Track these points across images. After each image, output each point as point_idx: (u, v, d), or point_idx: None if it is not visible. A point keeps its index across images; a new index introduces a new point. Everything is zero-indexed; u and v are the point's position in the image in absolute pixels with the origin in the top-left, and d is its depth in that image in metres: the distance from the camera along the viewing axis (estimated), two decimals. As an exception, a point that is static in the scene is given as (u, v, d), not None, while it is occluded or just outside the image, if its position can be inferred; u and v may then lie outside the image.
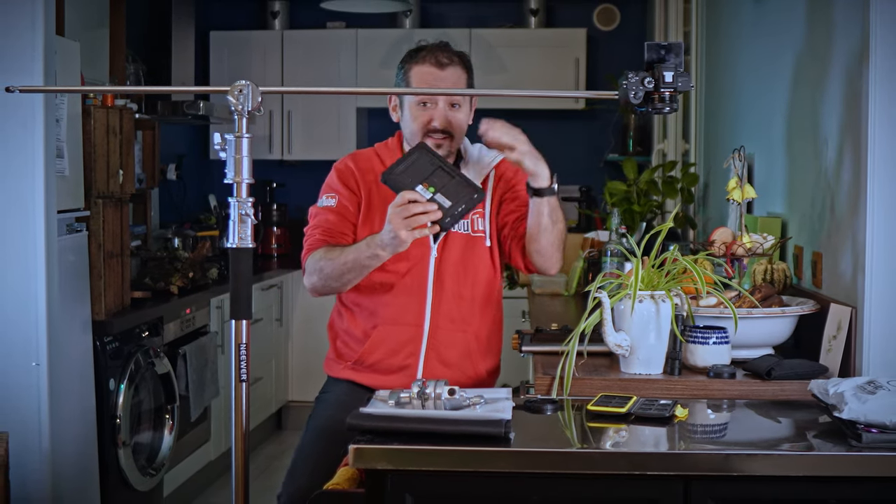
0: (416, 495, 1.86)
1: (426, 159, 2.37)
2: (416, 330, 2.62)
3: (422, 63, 2.64)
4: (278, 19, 6.41)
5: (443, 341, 2.63)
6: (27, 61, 2.95)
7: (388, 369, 2.63)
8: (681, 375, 2.30)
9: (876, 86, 2.24)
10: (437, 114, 2.60)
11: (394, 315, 2.63)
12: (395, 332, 2.63)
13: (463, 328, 2.66)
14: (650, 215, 4.65)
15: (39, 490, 3.03)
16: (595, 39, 6.41)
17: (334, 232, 2.62)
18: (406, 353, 2.63)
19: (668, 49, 2.03)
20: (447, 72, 2.63)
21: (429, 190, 2.34)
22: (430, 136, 2.60)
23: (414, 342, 2.63)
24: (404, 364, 2.63)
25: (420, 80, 2.62)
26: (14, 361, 3.01)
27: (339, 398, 2.66)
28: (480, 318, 2.69)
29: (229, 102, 1.92)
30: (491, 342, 2.74)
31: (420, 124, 2.61)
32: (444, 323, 2.63)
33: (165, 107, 5.16)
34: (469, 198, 2.35)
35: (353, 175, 2.67)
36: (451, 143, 2.63)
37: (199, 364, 4.41)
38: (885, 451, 1.81)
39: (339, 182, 2.67)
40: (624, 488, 1.84)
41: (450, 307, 2.63)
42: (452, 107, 2.62)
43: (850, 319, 2.32)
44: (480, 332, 2.69)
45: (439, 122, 2.60)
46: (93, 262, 3.63)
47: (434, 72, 2.62)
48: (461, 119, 2.64)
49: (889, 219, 2.25)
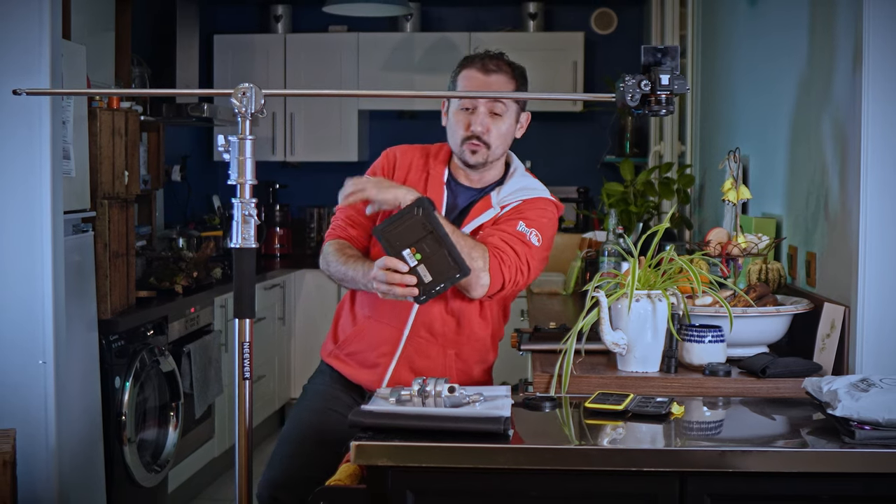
0: (416, 491, 1.87)
1: (421, 221, 2.30)
2: (396, 333, 2.59)
3: (470, 67, 2.59)
4: (281, 23, 6.41)
5: (418, 350, 2.59)
6: (34, 64, 2.94)
7: (362, 362, 2.63)
8: (677, 373, 2.30)
9: (869, 88, 2.24)
10: (475, 119, 2.54)
11: (383, 312, 2.61)
12: (378, 329, 2.61)
13: (443, 343, 2.59)
14: (647, 216, 4.65)
15: (46, 486, 3.03)
16: (592, 43, 6.41)
17: (356, 223, 2.64)
18: (381, 352, 2.61)
19: (665, 52, 2.03)
20: (492, 78, 2.56)
21: (415, 257, 2.30)
22: (467, 143, 2.55)
23: (391, 343, 2.60)
24: (377, 362, 2.61)
25: (465, 84, 2.58)
26: (21, 359, 3.01)
27: (319, 389, 2.69)
28: (467, 338, 2.61)
29: (233, 105, 1.93)
30: (477, 361, 2.66)
31: (460, 129, 2.56)
32: (424, 333, 2.59)
33: (170, 109, 5.16)
34: (451, 277, 2.31)
35: (394, 162, 2.67)
36: (488, 152, 2.56)
37: (203, 362, 4.41)
38: (877, 448, 1.81)
39: (379, 165, 2.68)
40: (621, 484, 1.84)
41: (433, 320, 2.58)
42: (493, 115, 2.55)
43: (843, 318, 2.32)
44: (463, 352, 2.62)
45: (476, 128, 2.54)
46: (98, 261, 3.63)
47: (478, 76, 2.57)
48: (502, 129, 2.56)
49: (882, 220, 2.25)
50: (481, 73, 2.57)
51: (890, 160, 2.24)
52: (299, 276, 5.89)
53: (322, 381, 2.71)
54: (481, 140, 2.54)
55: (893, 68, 2.23)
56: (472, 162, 2.57)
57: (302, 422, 2.64)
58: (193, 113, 5.15)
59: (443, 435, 1.86)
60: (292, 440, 2.62)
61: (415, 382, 2.00)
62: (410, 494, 1.86)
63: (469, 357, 2.63)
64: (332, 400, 2.64)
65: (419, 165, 2.66)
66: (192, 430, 4.41)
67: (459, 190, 2.64)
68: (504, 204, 2.58)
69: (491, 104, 2.53)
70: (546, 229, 2.57)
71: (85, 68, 3.57)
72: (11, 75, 2.92)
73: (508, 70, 2.59)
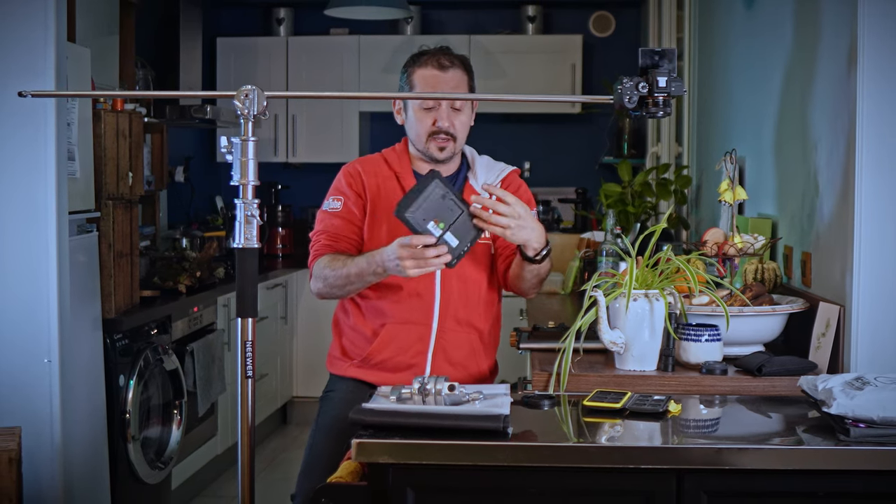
0: (416, 488, 1.86)
1: (438, 192, 2.34)
2: (425, 329, 2.62)
3: (424, 66, 2.64)
4: (283, 26, 6.41)
5: (450, 341, 2.64)
6: (39, 67, 2.94)
7: (395, 367, 2.63)
8: (674, 372, 2.30)
9: (864, 90, 2.24)
10: (440, 115, 2.60)
11: (403, 314, 2.62)
12: (404, 331, 2.62)
13: (468, 329, 2.66)
14: (644, 216, 4.65)
15: (51, 483, 3.03)
16: (591, 46, 6.41)
17: (339, 237, 2.62)
18: (414, 351, 2.62)
19: (662, 55, 2.03)
20: (449, 74, 2.63)
21: (439, 226, 2.33)
22: (434, 138, 2.60)
23: (422, 341, 2.62)
24: (412, 363, 2.62)
25: (423, 82, 2.63)
26: (27, 358, 3.01)
27: (345, 396, 2.65)
28: (484, 319, 2.70)
29: (236, 107, 1.93)
30: (493, 341, 2.76)
31: (424, 127, 2.61)
32: (451, 324, 2.63)
33: (174, 111, 5.16)
34: (474, 235, 2.36)
35: (361, 179, 2.67)
36: (455, 144, 2.63)
37: (207, 361, 4.41)
38: (872, 446, 1.81)
39: (346, 186, 2.67)
40: (618, 481, 1.84)
41: (457, 308, 2.64)
42: (455, 109, 2.62)
43: (838, 317, 2.32)
44: (484, 331, 2.70)
45: (443, 124, 2.60)
46: (103, 261, 3.63)
47: (436, 74, 2.62)
48: (464, 121, 2.64)
49: (876, 220, 2.25)
50: (438, 69, 2.63)
51: (884, 161, 2.24)
52: (301, 275, 5.88)
53: (344, 387, 2.68)
54: (449, 134, 2.61)
55: (888, 69, 2.23)
56: (440, 157, 2.63)
57: (329, 429, 2.62)
58: (197, 115, 5.16)
59: (443, 432, 1.86)
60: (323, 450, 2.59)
61: (415, 381, 2.00)
62: (411, 491, 1.86)
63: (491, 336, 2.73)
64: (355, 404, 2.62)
65: (385, 174, 2.67)
66: (196, 428, 4.41)
67: None
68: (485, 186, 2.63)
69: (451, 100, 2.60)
70: (532, 199, 2.73)
71: (89, 71, 3.57)
72: (17, 77, 2.92)
73: (460, 63, 2.67)
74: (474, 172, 2.71)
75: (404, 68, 2.68)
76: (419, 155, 2.67)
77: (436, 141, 2.61)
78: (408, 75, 2.66)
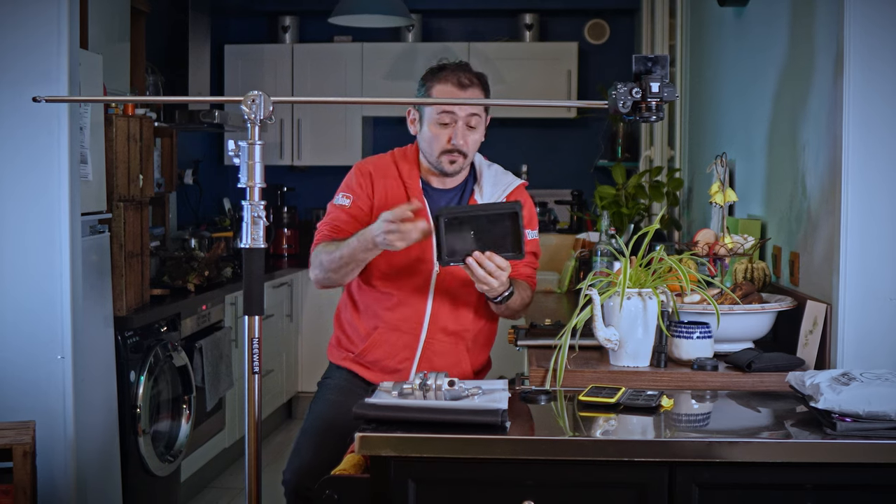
0: (417, 480, 1.86)
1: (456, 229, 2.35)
2: (413, 339, 2.64)
3: (444, 82, 2.61)
4: (289, 34, 6.41)
5: (436, 351, 2.66)
6: (53, 73, 2.94)
7: (384, 369, 2.66)
8: (666, 368, 2.30)
9: (850, 95, 2.24)
10: (456, 133, 2.58)
11: (394, 321, 2.65)
12: (394, 338, 2.65)
13: (456, 340, 2.67)
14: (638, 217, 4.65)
15: (64, 476, 3.03)
16: (586, 52, 6.41)
17: (342, 230, 2.62)
18: (401, 357, 2.65)
19: (655, 61, 2.03)
20: (467, 93, 2.60)
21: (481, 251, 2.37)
22: (446, 154, 2.59)
23: (409, 348, 2.65)
24: (398, 367, 2.66)
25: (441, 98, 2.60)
26: (40, 355, 3.01)
27: (339, 384, 2.70)
28: (474, 325, 2.70)
29: (243, 111, 1.92)
30: (482, 343, 2.75)
31: (440, 143, 2.59)
32: (440, 336, 2.65)
33: (183, 115, 5.16)
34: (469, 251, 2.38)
35: (371, 178, 2.66)
36: (465, 160, 2.62)
37: (215, 357, 4.41)
38: (857, 439, 1.81)
39: (356, 183, 2.67)
40: (613, 474, 1.84)
41: (446, 322, 2.64)
42: (470, 128, 2.59)
43: (825, 315, 2.32)
44: (475, 333, 2.71)
45: (458, 142, 2.58)
46: (114, 261, 3.63)
47: (455, 92, 2.59)
48: (476, 139, 2.63)
49: (862, 221, 2.25)
50: (457, 88, 2.60)
51: (869, 165, 2.24)
52: (306, 275, 5.88)
53: (340, 375, 2.72)
54: (461, 152, 2.59)
55: (873, 75, 2.23)
56: (450, 171, 2.63)
57: (323, 414, 2.65)
58: (205, 119, 5.15)
59: (443, 426, 1.86)
60: (315, 431, 2.63)
61: (416, 377, 2.00)
62: (412, 483, 1.86)
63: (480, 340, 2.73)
64: (348, 394, 2.65)
65: (395, 181, 2.66)
66: (204, 422, 4.41)
67: (435, 195, 2.68)
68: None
69: (468, 118, 2.58)
70: (535, 215, 2.77)
71: (101, 76, 3.57)
72: (31, 83, 2.92)
73: (478, 82, 2.64)
74: (480, 186, 2.69)
75: (422, 80, 2.65)
76: (429, 167, 2.66)
77: (449, 156, 2.60)
78: (426, 89, 2.63)
